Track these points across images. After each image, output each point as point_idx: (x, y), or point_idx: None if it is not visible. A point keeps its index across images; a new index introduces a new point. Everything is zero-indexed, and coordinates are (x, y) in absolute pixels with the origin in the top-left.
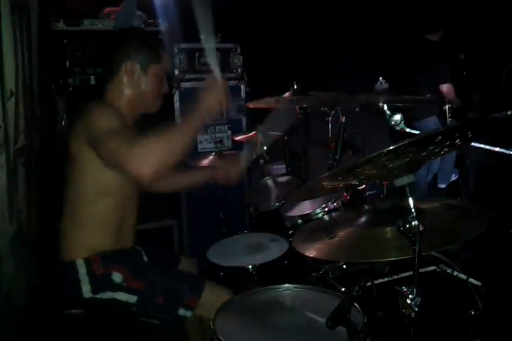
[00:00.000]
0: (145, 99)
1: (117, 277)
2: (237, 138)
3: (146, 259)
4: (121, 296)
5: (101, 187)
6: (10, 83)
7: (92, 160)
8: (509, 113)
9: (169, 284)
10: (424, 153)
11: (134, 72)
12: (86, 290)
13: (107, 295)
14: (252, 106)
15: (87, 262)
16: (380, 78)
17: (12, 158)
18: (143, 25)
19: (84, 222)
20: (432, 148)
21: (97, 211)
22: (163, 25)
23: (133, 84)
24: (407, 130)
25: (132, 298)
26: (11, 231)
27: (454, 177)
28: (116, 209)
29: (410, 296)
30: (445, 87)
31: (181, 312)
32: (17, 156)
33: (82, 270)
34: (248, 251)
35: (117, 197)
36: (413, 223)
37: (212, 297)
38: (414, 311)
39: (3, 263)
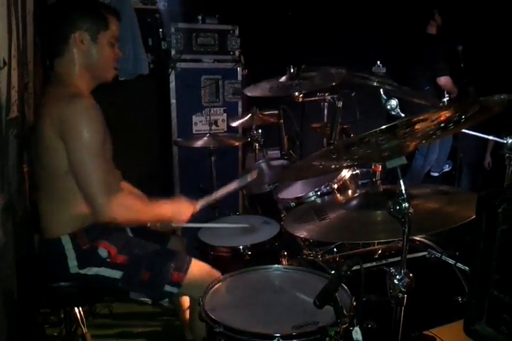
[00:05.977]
0: (99, 68)
1: (103, 252)
2: (233, 125)
3: (130, 234)
4: (106, 272)
5: None
6: (3, 52)
7: (62, 149)
8: (503, 97)
9: (155, 260)
10: (418, 134)
11: (83, 43)
12: (72, 266)
13: (93, 271)
14: (249, 94)
15: (73, 237)
16: (378, 62)
17: (4, 129)
18: (140, 3)
19: (62, 198)
20: (427, 130)
21: (74, 185)
22: (161, 4)
23: (84, 55)
24: (403, 115)
25: (117, 274)
26: (1, 202)
27: (447, 168)
28: None
29: (398, 277)
30: (442, 80)
31: (167, 288)
32: (9, 127)
33: (68, 245)
34: (239, 232)
35: None
36: (403, 205)
37: (199, 274)
38: (401, 292)
39: None
